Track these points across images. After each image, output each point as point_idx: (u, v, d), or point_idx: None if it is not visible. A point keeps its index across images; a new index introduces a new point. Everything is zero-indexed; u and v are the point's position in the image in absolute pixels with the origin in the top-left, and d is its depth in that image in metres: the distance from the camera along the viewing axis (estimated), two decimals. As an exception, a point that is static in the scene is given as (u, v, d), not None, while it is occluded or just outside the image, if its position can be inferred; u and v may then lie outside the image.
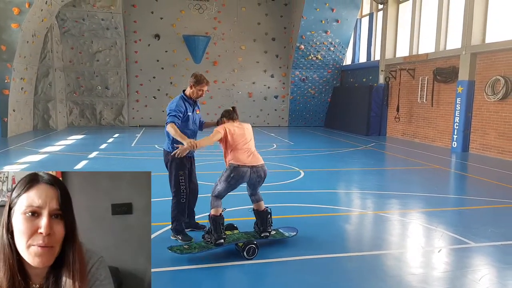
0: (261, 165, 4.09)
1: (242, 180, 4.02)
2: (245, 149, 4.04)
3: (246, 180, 4.04)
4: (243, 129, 4.13)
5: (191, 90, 4.27)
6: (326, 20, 17.16)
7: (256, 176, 4.04)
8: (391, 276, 3.64)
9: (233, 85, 19.45)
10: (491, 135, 10.92)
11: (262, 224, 4.22)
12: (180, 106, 4.18)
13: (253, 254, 3.89)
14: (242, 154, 4.01)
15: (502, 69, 10.50)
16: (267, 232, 4.20)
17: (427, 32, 13.81)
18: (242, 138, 4.06)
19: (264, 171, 4.11)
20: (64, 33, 17.11)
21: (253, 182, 4.09)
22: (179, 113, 4.13)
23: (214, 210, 4.00)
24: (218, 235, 3.91)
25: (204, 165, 8.80)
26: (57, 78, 16.48)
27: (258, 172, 4.04)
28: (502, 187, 7.37)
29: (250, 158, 4.03)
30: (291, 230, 4.50)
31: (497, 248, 4.34)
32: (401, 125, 15.02)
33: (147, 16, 18.10)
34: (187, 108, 4.26)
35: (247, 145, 4.08)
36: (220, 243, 3.91)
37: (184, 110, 4.20)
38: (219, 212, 4.00)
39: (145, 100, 18.74)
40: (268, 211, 4.26)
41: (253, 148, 4.14)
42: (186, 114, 4.22)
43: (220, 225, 3.95)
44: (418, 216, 5.51)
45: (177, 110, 4.15)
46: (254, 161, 4.05)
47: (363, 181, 7.80)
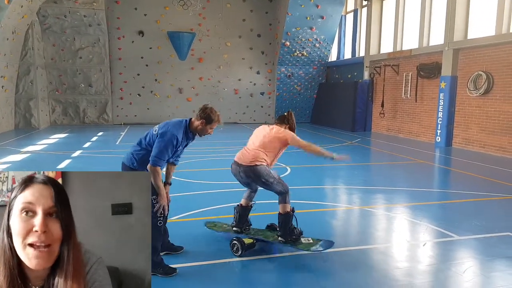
0: (243, 165, 3.92)
1: (235, 176, 4.09)
2: (245, 147, 4.12)
3: (237, 177, 4.08)
4: (261, 131, 4.15)
5: (200, 127, 3.53)
6: (311, 16, 17.18)
7: (238, 173, 4.02)
8: (377, 270, 3.67)
9: (219, 82, 19.35)
10: (474, 129, 11.12)
11: (279, 229, 4.03)
12: (172, 145, 3.42)
13: (236, 251, 3.86)
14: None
15: (484, 65, 10.69)
16: (281, 238, 3.97)
17: (410, 28, 13.95)
18: (252, 137, 4.16)
19: (245, 172, 3.91)
20: (46, 30, 16.74)
21: (238, 179, 4.10)
22: (167, 155, 3.44)
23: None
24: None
25: (192, 162, 8.74)
26: (38, 76, 16.12)
27: (239, 170, 3.99)
28: (484, 180, 7.51)
29: (238, 154, 4.07)
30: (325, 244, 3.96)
31: (480, 241, 4.42)
32: (386, 121, 15.18)
33: (130, 12, 17.84)
34: (182, 142, 3.53)
35: (249, 143, 4.14)
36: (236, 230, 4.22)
37: (174, 147, 3.46)
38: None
39: (129, 97, 18.49)
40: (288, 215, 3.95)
41: (251, 146, 4.06)
42: (174, 149, 3.51)
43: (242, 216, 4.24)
44: (403, 211, 5.57)
45: (168, 150, 3.41)
46: (238, 158, 4.05)
47: (349, 176, 7.85)
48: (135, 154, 3.59)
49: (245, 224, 4.29)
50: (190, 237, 4.36)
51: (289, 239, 3.91)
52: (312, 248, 3.83)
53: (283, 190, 3.95)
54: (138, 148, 3.60)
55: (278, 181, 3.94)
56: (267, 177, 3.87)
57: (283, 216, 3.93)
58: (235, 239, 3.91)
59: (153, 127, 3.63)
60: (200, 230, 4.51)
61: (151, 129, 3.63)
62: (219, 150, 10.63)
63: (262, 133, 4.10)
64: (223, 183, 6.95)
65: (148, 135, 3.59)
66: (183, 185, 6.72)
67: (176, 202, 5.74)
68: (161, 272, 3.45)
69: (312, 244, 3.89)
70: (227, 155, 9.96)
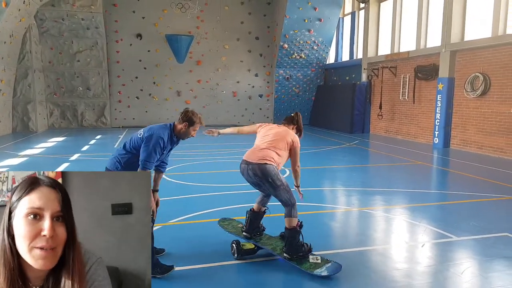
0: (252, 163, 3.69)
1: (243, 175, 3.85)
2: (255, 145, 3.93)
3: (244, 176, 3.83)
4: (272, 130, 3.94)
5: (184, 130, 3.61)
6: (309, 19, 17.24)
7: (246, 172, 3.75)
8: (376, 272, 3.68)
9: (218, 85, 19.37)
10: (471, 130, 11.15)
11: (285, 244, 3.79)
12: (159, 147, 3.45)
13: (233, 254, 3.85)
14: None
15: (481, 66, 10.73)
16: (286, 254, 3.73)
17: (408, 30, 14.01)
18: (262, 135, 3.95)
19: (253, 170, 3.67)
20: (43, 33, 16.73)
21: (246, 179, 3.84)
22: (155, 157, 3.46)
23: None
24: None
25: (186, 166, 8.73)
26: (36, 79, 16.10)
27: (247, 168, 3.73)
28: (482, 181, 7.53)
29: (248, 152, 3.85)
30: (332, 268, 3.60)
31: (478, 242, 4.43)
32: (384, 122, 15.21)
33: (128, 15, 17.86)
34: (167, 146, 3.59)
35: (259, 141, 3.93)
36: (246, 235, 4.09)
37: (161, 149, 3.50)
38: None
39: (127, 100, 18.49)
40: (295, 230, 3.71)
41: (262, 145, 3.84)
42: (161, 152, 3.53)
43: (250, 220, 4.08)
44: (401, 212, 5.58)
45: (156, 152, 3.44)
46: (247, 156, 3.81)
47: (347, 178, 7.86)
48: (120, 158, 3.58)
49: (256, 230, 4.09)
50: (185, 239, 4.35)
51: (295, 256, 3.68)
52: (315, 271, 3.52)
53: (289, 201, 3.71)
54: (123, 152, 3.59)
55: (286, 188, 3.70)
56: (275, 178, 3.63)
57: (289, 231, 3.71)
58: (234, 242, 3.90)
59: (138, 131, 3.65)
60: (200, 232, 4.51)
61: (136, 133, 3.63)
62: (216, 153, 10.62)
63: (272, 132, 3.90)
64: (223, 186, 6.95)
65: (133, 139, 3.59)
66: (182, 188, 6.72)
67: (175, 205, 5.75)
68: (159, 272, 3.45)
69: (318, 265, 3.60)
70: (225, 158, 9.97)
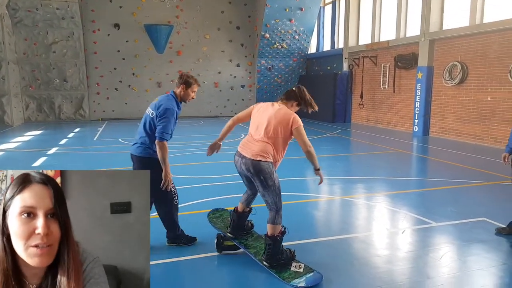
0: (245, 157, 3.38)
1: (236, 167, 3.56)
2: (249, 133, 3.54)
3: (238, 169, 3.53)
4: (267, 112, 3.45)
5: (183, 93, 3.76)
6: (290, 8, 17.15)
7: (239, 165, 3.46)
8: (358, 259, 3.73)
9: (199, 75, 19.11)
10: (449, 118, 11.38)
11: (264, 252, 3.49)
12: (174, 118, 3.65)
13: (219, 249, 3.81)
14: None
15: (459, 55, 10.92)
16: (266, 262, 3.46)
17: (388, 20, 14.11)
18: (255, 122, 3.51)
19: (245, 165, 3.36)
20: (17, 24, 16.15)
21: (239, 171, 3.56)
22: (170, 130, 3.64)
23: None
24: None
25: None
26: (10, 71, 15.57)
27: (240, 162, 3.43)
28: (460, 168, 7.71)
29: (242, 143, 3.53)
30: (312, 279, 3.27)
31: (456, 227, 4.53)
32: (365, 112, 15.37)
33: (105, 4, 17.39)
34: (179, 114, 3.80)
35: (253, 129, 3.50)
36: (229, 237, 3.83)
37: (175, 119, 3.70)
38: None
39: (106, 92, 18.11)
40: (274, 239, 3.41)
41: (256, 135, 3.42)
42: (175, 123, 3.74)
43: (234, 222, 3.81)
44: (382, 199, 5.67)
45: (172, 123, 3.63)
46: (242, 148, 3.48)
47: (330, 167, 7.92)
48: (148, 142, 3.68)
49: (241, 231, 3.83)
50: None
51: (275, 264, 3.41)
52: (293, 282, 3.22)
53: (276, 204, 3.39)
54: (145, 135, 3.69)
55: (276, 190, 3.37)
56: (267, 176, 3.31)
57: (269, 238, 3.41)
58: (217, 235, 3.85)
59: (146, 113, 3.75)
60: (189, 223, 4.47)
61: (146, 116, 3.74)
62: (199, 144, 10.54)
63: (266, 116, 3.42)
64: (203, 177, 6.91)
65: (147, 122, 3.69)
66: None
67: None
68: (184, 242, 3.93)
69: (298, 275, 3.30)
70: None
